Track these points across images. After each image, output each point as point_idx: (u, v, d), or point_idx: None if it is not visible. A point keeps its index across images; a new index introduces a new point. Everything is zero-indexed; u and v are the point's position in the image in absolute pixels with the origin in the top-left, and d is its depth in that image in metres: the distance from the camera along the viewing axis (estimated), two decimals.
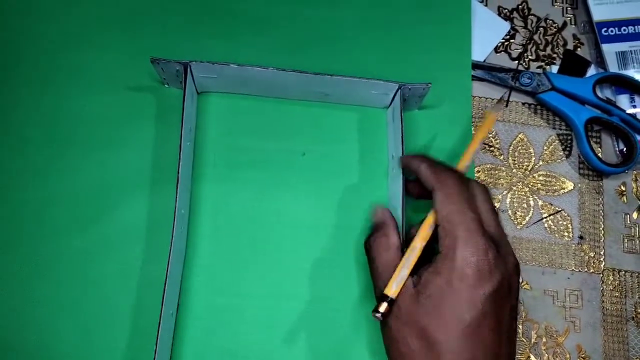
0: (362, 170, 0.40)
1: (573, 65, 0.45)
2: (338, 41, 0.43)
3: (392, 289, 0.31)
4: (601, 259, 0.41)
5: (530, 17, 0.46)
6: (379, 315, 0.30)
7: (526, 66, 0.44)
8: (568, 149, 0.43)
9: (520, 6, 0.46)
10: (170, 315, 0.35)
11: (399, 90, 0.38)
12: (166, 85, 0.40)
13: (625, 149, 0.43)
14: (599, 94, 0.43)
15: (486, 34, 0.45)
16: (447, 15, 0.44)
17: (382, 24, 0.44)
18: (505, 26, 0.45)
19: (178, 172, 0.35)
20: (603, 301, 0.40)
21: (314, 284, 0.38)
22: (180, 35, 0.42)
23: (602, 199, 0.42)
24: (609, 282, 0.40)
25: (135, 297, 0.36)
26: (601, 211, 0.42)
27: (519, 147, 0.43)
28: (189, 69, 0.37)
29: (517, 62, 0.44)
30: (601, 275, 0.41)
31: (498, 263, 0.30)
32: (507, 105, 0.44)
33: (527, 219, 0.41)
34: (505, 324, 0.30)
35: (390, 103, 0.41)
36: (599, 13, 0.45)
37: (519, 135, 0.43)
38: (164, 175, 0.38)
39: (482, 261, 0.29)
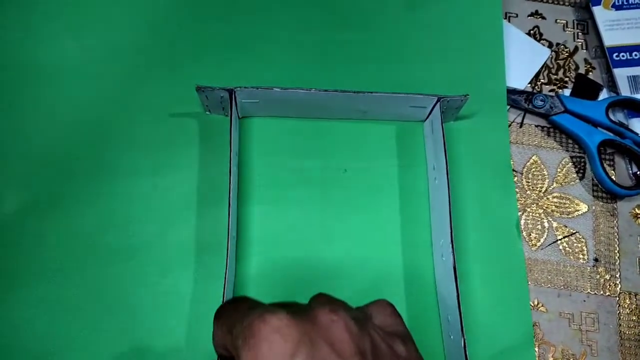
0: (403, 183, 0.41)
1: (585, 89, 0.45)
2: (370, 60, 0.44)
3: None
4: (617, 282, 0.41)
5: (542, 42, 0.46)
6: None
7: (539, 90, 0.45)
8: (581, 171, 0.43)
9: (532, 31, 0.47)
10: None
11: (438, 103, 0.39)
12: (208, 113, 0.41)
13: (638, 172, 0.43)
14: (612, 117, 0.43)
15: (526, 60, 0.45)
16: (479, 29, 0.45)
17: (414, 41, 0.45)
18: (546, 52, 0.46)
19: (229, 196, 0.35)
20: (620, 325, 0.40)
21: (362, 300, 0.37)
22: (218, 63, 0.43)
23: (617, 222, 0.42)
24: (626, 306, 0.40)
25: (187, 319, 0.36)
26: (616, 234, 0.42)
27: (533, 169, 0.43)
28: (233, 95, 0.37)
29: (529, 85, 0.45)
30: (617, 298, 0.40)
31: (293, 323, 0.20)
32: (521, 127, 0.44)
33: (542, 240, 0.41)
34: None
35: (428, 116, 0.41)
36: (610, 38, 0.45)
37: (533, 157, 0.43)
38: (209, 199, 0.39)
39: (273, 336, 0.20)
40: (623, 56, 0.45)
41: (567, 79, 0.46)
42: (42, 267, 0.37)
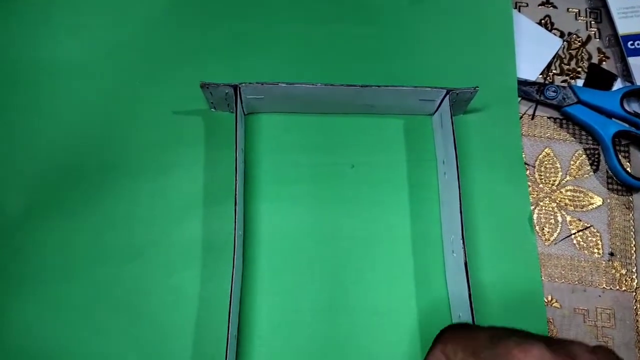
0: (412, 177, 0.40)
1: (598, 79, 0.44)
2: (377, 54, 0.43)
3: None
4: (633, 277, 0.40)
5: (553, 31, 0.45)
6: None
7: (550, 80, 0.44)
8: (595, 163, 0.42)
9: (543, 20, 0.46)
10: (234, 337, 0.34)
11: (447, 96, 0.38)
12: (213, 110, 0.41)
13: None
14: (627, 108, 0.42)
15: (537, 51, 0.44)
16: (489, 19, 0.44)
17: (421, 33, 0.44)
18: (557, 42, 0.45)
19: (235, 194, 0.35)
20: (637, 320, 0.39)
21: (371, 296, 0.38)
22: (222, 59, 0.42)
23: (633, 215, 0.41)
24: None
25: (195, 319, 0.36)
26: (632, 227, 0.41)
27: (545, 162, 0.42)
28: (238, 91, 0.37)
29: (541, 76, 0.44)
30: (634, 293, 0.39)
31: None
32: (533, 119, 0.43)
33: (555, 235, 0.40)
34: None
35: (437, 109, 0.41)
36: (624, 26, 0.44)
37: (545, 150, 0.42)
38: (215, 197, 0.39)
39: None
40: (638, 44, 0.43)
41: (579, 69, 0.44)
42: (47, 267, 0.37)
